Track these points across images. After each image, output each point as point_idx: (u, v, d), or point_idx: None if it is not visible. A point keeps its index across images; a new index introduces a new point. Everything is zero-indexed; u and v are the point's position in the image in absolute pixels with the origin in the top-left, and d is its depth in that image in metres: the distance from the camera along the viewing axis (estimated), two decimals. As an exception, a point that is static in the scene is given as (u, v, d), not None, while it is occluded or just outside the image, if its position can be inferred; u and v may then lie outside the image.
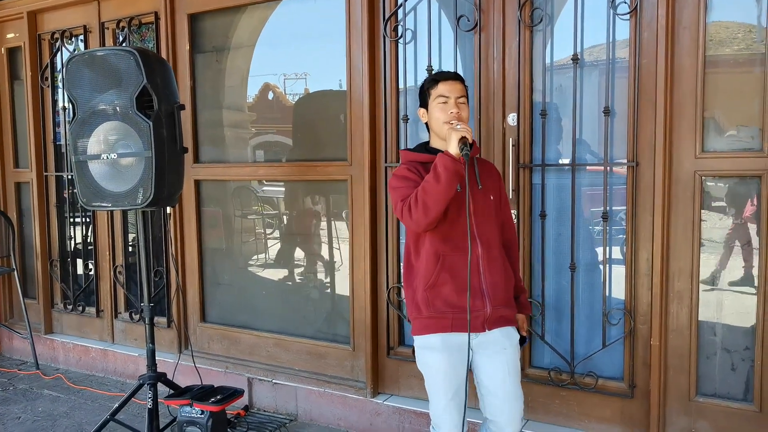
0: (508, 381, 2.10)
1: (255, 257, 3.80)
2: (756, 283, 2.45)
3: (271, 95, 3.71)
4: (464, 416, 2.10)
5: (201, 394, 2.86)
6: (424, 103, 2.17)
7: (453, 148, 1.92)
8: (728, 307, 2.57)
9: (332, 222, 3.50)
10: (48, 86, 4.28)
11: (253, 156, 3.72)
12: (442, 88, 2.10)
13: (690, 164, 2.51)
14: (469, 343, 2.02)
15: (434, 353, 2.09)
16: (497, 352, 2.10)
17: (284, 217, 3.73)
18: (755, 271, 2.45)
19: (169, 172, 2.71)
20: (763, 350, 2.44)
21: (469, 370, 2.13)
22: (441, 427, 2.11)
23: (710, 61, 2.48)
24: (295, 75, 3.54)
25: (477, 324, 2.06)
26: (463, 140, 1.92)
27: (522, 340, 2.21)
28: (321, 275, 3.54)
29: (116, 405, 2.98)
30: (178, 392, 2.94)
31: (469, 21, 2.86)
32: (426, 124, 2.19)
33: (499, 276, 2.11)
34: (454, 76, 2.14)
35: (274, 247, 3.76)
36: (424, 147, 2.20)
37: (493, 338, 2.09)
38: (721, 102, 2.49)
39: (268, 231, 3.79)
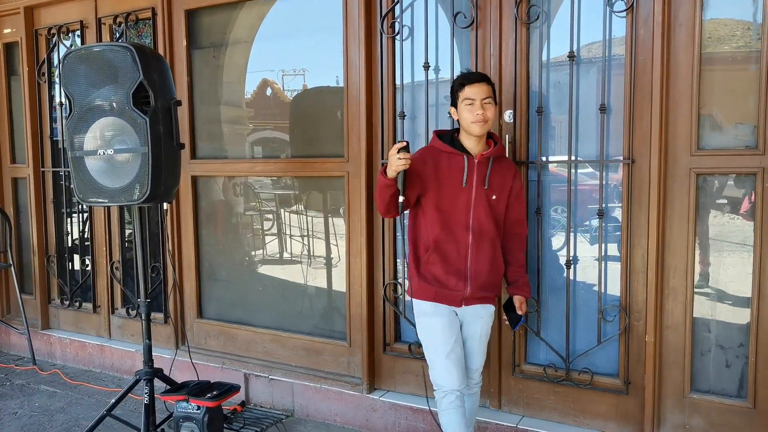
0: (477, 342, 2.51)
1: (252, 253, 3.80)
2: (750, 280, 2.46)
3: (269, 91, 3.71)
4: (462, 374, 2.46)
5: (197, 389, 2.86)
6: (454, 102, 2.42)
7: (390, 174, 2.24)
8: (723, 304, 2.58)
9: (329, 218, 3.50)
10: (45, 81, 4.28)
11: (251, 152, 3.72)
12: (468, 90, 2.35)
13: (685, 161, 2.52)
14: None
15: (429, 318, 2.45)
16: (476, 318, 2.49)
17: (281, 213, 3.73)
18: (749, 268, 2.46)
19: (165, 168, 2.70)
20: (758, 347, 2.45)
21: None
22: (442, 386, 2.42)
23: (707, 58, 2.48)
24: (293, 71, 3.53)
25: (456, 300, 2.43)
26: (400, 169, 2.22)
27: (518, 319, 2.51)
28: (318, 271, 3.55)
29: (113, 400, 2.99)
30: (175, 388, 2.94)
31: (465, 18, 2.86)
32: (457, 120, 2.45)
33: (483, 265, 2.42)
34: (479, 78, 2.38)
35: (271, 243, 3.76)
36: (451, 136, 2.47)
37: (473, 311, 2.47)
38: (718, 99, 2.50)
39: (265, 227, 3.79)
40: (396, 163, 2.20)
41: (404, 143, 2.20)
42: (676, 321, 2.58)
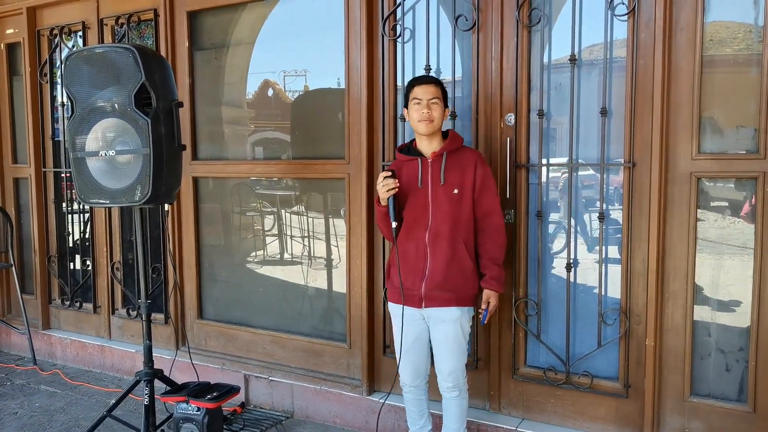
0: (444, 346, 2.52)
1: (252, 254, 3.80)
2: (751, 284, 2.46)
3: (270, 92, 3.71)
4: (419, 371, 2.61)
5: (197, 390, 2.86)
6: (406, 103, 2.53)
7: (383, 201, 2.43)
8: (723, 307, 2.58)
9: (330, 220, 3.51)
10: (47, 82, 4.28)
11: (251, 153, 3.73)
12: (417, 90, 2.46)
13: (686, 165, 2.52)
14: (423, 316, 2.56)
15: (393, 318, 2.60)
16: (438, 321, 2.51)
17: (282, 214, 3.73)
18: (750, 272, 2.46)
19: (166, 170, 2.71)
20: (758, 351, 2.45)
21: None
22: (401, 372, 2.61)
23: (708, 62, 2.48)
24: (295, 72, 3.54)
25: (415, 300, 2.50)
26: (389, 195, 2.40)
27: (486, 314, 2.53)
28: (318, 273, 3.55)
29: (113, 401, 2.99)
30: (175, 389, 2.94)
31: (467, 21, 2.87)
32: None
33: (440, 264, 2.45)
34: (428, 80, 2.49)
35: (271, 244, 3.76)
36: (409, 145, 2.58)
37: (434, 313, 2.50)
38: (719, 103, 2.50)
39: (266, 228, 3.79)
40: (382, 190, 2.37)
41: (389, 172, 2.38)
42: (676, 325, 2.58)
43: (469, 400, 2.68)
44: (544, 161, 2.80)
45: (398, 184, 2.40)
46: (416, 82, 2.50)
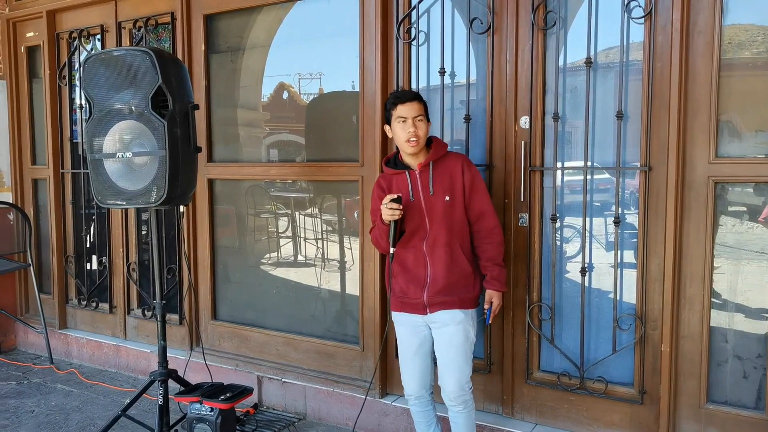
0: (449, 350, 2.48)
1: (267, 256, 3.82)
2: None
3: (285, 95, 3.73)
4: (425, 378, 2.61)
5: (211, 391, 2.88)
6: (388, 120, 2.53)
7: (385, 221, 2.41)
8: (740, 313, 2.54)
9: (343, 222, 3.51)
10: (65, 84, 4.34)
11: (266, 155, 3.75)
12: (401, 109, 2.45)
13: (703, 169, 2.49)
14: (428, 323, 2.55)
15: (397, 327, 2.61)
16: (441, 327, 2.50)
17: (296, 216, 3.74)
18: (766, 278, 2.42)
19: (182, 171, 2.73)
20: (776, 358, 2.42)
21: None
22: (405, 383, 2.62)
23: (726, 65, 2.45)
24: (310, 75, 3.55)
25: (419, 308, 2.51)
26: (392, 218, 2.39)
27: (489, 313, 2.55)
28: (331, 275, 3.56)
29: (128, 401, 3.02)
30: (189, 389, 2.97)
31: (482, 23, 2.86)
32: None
33: (440, 270, 2.46)
34: (412, 97, 2.49)
35: (285, 246, 3.78)
36: (395, 158, 2.58)
37: (438, 318, 2.49)
38: (737, 106, 2.47)
39: (280, 230, 3.81)
40: (386, 212, 2.37)
41: (397, 196, 2.38)
42: (692, 330, 2.55)
43: (483, 404, 2.67)
44: (558, 164, 2.78)
45: (402, 214, 2.40)
46: (398, 100, 2.47)
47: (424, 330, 2.55)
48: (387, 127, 2.55)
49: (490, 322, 2.59)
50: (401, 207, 2.38)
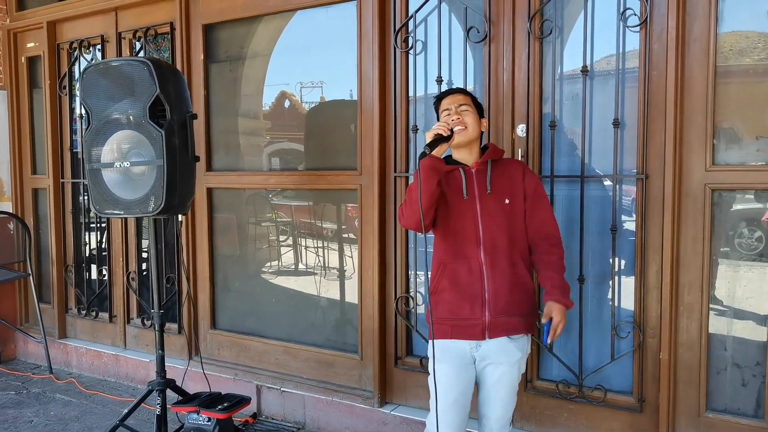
0: (498, 386, 2.17)
1: (266, 265, 3.82)
2: (767, 298, 2.42)
3: (287, 103, 3.74)
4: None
5: (208, 401, 2.88)
6: (438, 119, 2.31)
7: (429, 138, 2.08)
8: (739, 321, 2.54)
9: (342, 231, 3.52)
10: (66, 94, 4.36)
11: (266, 164, 3.76)
12: (445, 102, 2.29)
13: (700, 177, 2.49)
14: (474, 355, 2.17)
15: (436, 361, 2.11)
16: (502, 355, 2.15)
17: (295, 225, 3.75)
18: (766, 286, 2.42)
19: (180, 181, 2.74)
20: (775, 366, 2.41)
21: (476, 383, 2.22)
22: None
23: (722, 72, 2.46)
24: (311, 83, 3.56)
25: (476, 332, 2.12)
26: (437, 137, 2.06)
27: (546, 330, 2.11)
28: (330, 284, 3.56)
29: (125, 411, 3.01)
30: (186, 399, 2.96)
31: (479, 32, 2.87)
32: None
33: (502, 283, 2.12)
34: (455, 90, 2.34)
35: (284, 255, 3.78)
36: (446, 158, 2.24)
37: (498, 345, 2.14)
38: (733, 114, 2.47)
39: (279, 238, 3.81)
40: (429, 132, 2.06)
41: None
42: (691, 338, 2.54)
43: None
44: (556, 173, 2.78)
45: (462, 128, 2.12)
46: (442, 95, 2.32)
47: (471, 370, 2.17)
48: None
49: (549, 341, 2.12)
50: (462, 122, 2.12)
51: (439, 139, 2.06)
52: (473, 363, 2.18)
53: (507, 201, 2.17)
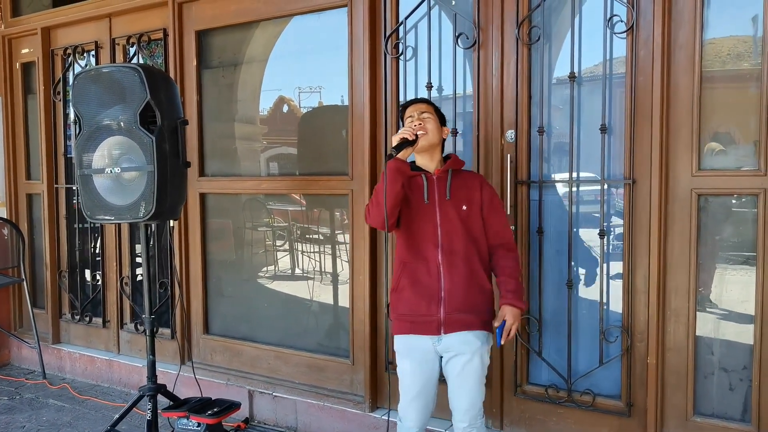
0: (463, 380, 2.27)
1: (258, 270, 3.83)
2: (753, 302, 2.43)
3: (285, 108, 3.75)
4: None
5: (198, 406, 2.88)
6: (403, 125, 2.43)
7: (395, 141, 2.22)
8: (726, 326, 2.55)
9: (334, 235, 3.53)
10: (60, 100, 4.38)
11: (258, 169, 3.77)
12: (409, 110, 2.42)
13: (687, 182, 2.51)
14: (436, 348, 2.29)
15: (399, 356, 2.34)
16: (461, 346, 2.26)
17: (287, 230, 3.76)
18: (752, 290, 2.43)
19: (171, 186, 2.75)
20: (761, 370, 2.42)
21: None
22: (404, 420, 2.34)
23: (707, 78, 2.48)
24: (309, 89, 3.57)
25: (433, 327, 2.26)
26: (402, 140, 2.20)
27: (499, 332, 2.24)
28: (321, 289, 3.57)
29: (116, 416, 3.02)
30: (177, 404, 2.97)
31: (468, 39, 2.89)
32: None
33: (458, 284, 2.26)
34: (419, 100, 2.49)
35: (276, 260, 3.79)
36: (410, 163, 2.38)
37: (456, 338, 2.26)
38: (719, 119, 2.49)
39: (272, 244, 3.82)
40: (396, 135, 2.20)
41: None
42: (678, 343, 2.56)
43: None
44: (545, 178, 2.80)
45: (423, 133, 2.25)
46: (407, 104, 2.46)
47: (433, 363, 2.29)
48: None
49: (502, 343, 2.25)
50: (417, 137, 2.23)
51: (404, 143, 2.20)
52: (438, 358, 2.30)
53: (464, 207, 2.31)
